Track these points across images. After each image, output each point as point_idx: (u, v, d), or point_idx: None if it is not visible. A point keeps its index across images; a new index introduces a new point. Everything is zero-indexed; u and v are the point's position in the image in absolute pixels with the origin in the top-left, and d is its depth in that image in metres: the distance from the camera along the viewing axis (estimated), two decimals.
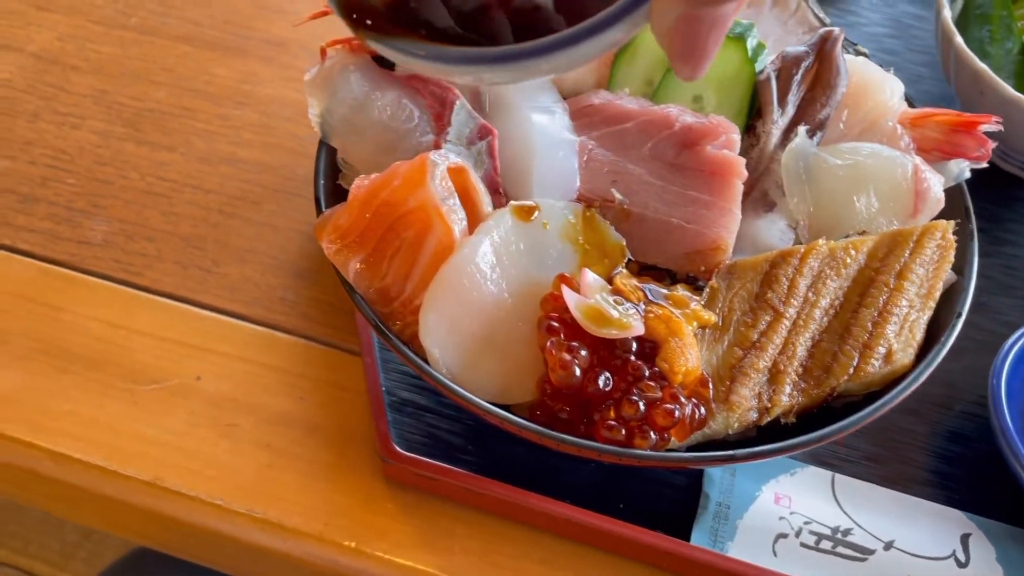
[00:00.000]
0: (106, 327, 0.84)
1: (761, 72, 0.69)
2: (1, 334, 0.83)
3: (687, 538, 0.70)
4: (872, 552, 0.71)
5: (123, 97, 1.02)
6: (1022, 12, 0.98)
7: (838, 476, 0.75)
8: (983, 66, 0.89)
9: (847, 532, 0.72)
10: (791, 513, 0.73)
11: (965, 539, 0.73)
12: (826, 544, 0.71)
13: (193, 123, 1.00)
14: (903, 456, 0.78)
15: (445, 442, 0.75)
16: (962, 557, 0.72)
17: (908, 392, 0.61)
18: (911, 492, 0.75)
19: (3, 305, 0.85)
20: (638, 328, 0.58)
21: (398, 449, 0.72)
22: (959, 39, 0.91)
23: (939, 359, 0.63)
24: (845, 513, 0.73)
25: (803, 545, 0.71)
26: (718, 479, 0.73)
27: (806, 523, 0.72)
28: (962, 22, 0.98)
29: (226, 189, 0.94)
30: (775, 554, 0.70)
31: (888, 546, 0.71)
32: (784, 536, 0.71)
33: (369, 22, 0.42)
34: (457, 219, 0.61)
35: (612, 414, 0.57)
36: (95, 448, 0.76)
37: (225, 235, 0.91)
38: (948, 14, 0.94)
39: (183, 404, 0.79)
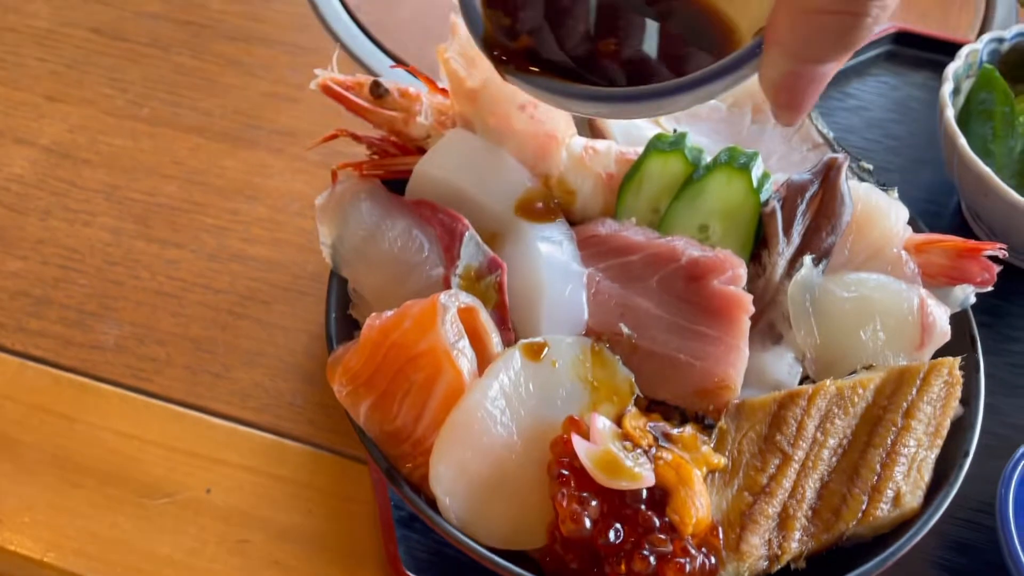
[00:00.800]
0: (118, 438, 0.84)
1: (766, 203, 0.70)
2: (15, 446, 0.83)
3: None
4: None
5: (134, 192, 1.03)
6: None
7: None
8: (987, 170, 0.89)
9: None
10: None
11: None
12: None
13: (203, 218, 1.01)
14: (911, 570, 0.78)
15: (454, 560, 0.75)
16: None
17: (917, 540, 0.61)
18: None
19: (17, 415, 0.85)
20: (649, 479, 0.58)
21: (408, 573, 0.73)
22: (962, 141, 0.92)
23: (947, 503, 0.63)
24: None
25: None
26: None
27: None
28: (964, 117, 0.98)
29: (236, 288, 0.95)
30: None
31: None
32: None
33: (505, 58, 0.48)
34: (467, 361, 0.62)
35: (623, 568, 0.57)
36: (108, 568, 0.77)
37: (235, 337, 0.91)
38: (951, 114, 0.94)
39: (194, 519, 0.80)
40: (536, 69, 0.47)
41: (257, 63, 1.16)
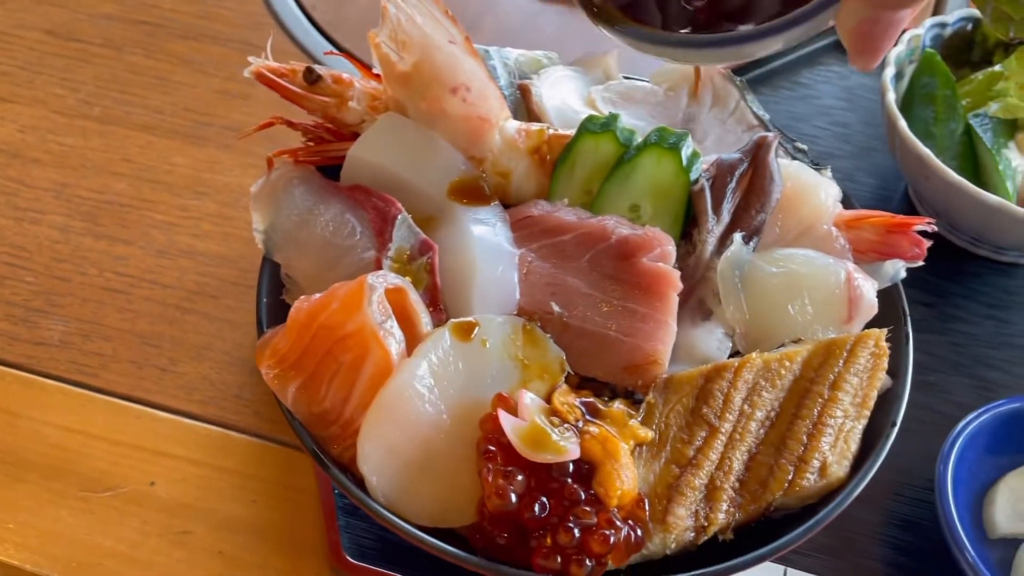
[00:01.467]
0: (62, 433, 0.84)
1: (695, 182, 0.70)
2: None
3: None
4: None
5: (83, 190, 1.02)
6: (968, 89, 1.00)
7: (790, 571, 0.76)
8: (927, 151, 0.90)
9: None
10: None
11: None
12: None
13: (153, 215, 1.01)
14: (856, 547, 0.78)
15: (398, 546, 0.75)
16: None
17: (841, 509, 0.62)
18: None
19: None
20: (574, 452, 0.58)
21: (349, 559, 0.72)
22: (903, 123, 0.93)
23: (872, 472, 0.63)
24: None
25: None
26: None
27: None
28: (907, 101, 0.99)
29: (184, 283, 0.95)
30: None
31: None
32: None
33: (597, 10, 0.50)
34: (395, 341, 0.62)
35: (548, 541, 0.57)
36: (49, 561, 0.76)
37: (182, 332, 0.91)
38: (892, 97, 0.96)
39: (137, 512, 0.79)
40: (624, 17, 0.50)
41: (209, 61, 1.17)
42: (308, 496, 0.80)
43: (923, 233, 0.72)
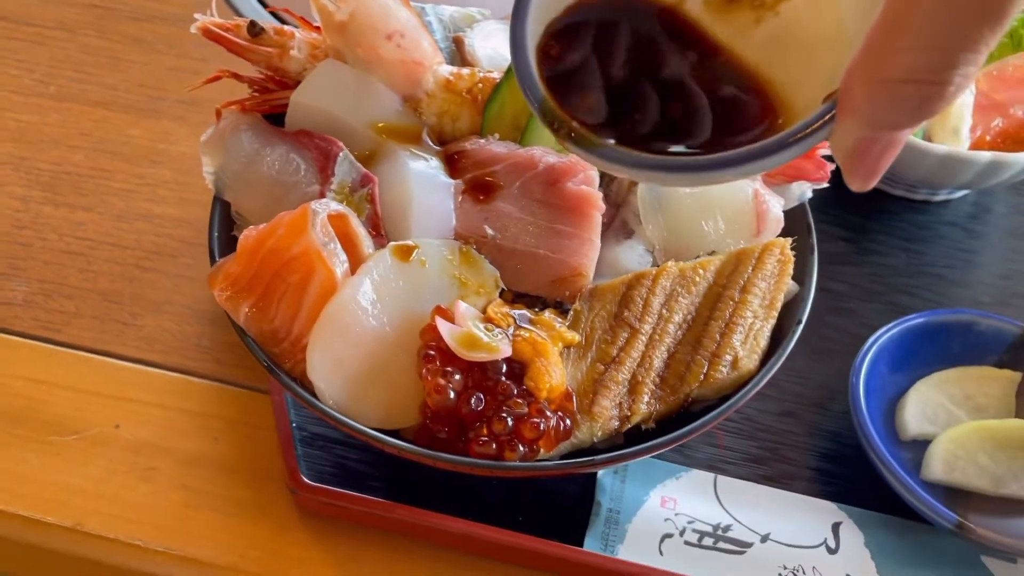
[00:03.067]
0: (27, 383, 0.87)
1: None
2: None
3: (581, 544, 0.76)
4: (750, 545, 0.77)
5: (41, 163, 1.06)
6: None
7: (720, 477, 0.81)
8: None
9: (727, 528, 0.78)
10: (676, 514, 0.78)
11: (836, 528, 0.79)
12: (708, 540, 0.77)
13: (110, 183, 1.05)
14: (782, 455, 0.85)
15: (355, 471, 0.80)
16: (832, 544, 0.78)
17: (751, 395, 0.68)
18: (789, 488, 0.81)
19: None
20: (506, 350, 0.64)
21: (305, 480, 0.77)
22: None
23: (780, 363, 0.69)
24: (726, 511, 0.79)
25: (687, 543, 0.77)
26: (609, 487, 0.79)
27: (690, 522, 0.78)
28: None
29: (143, 244, 0.99)
30: (661, 553, 0.76)
31: (764, 538, 0.78)
32: (669, 536, 0.77)
33: (571, 134, 0.48)
34: (339, 262, 0.67)
35: (484, 431, 0.63)
36: (17, 499, 0.80)
37: (142, 289, 0.95)
38: None
39: (103, 452, 0.83)
40: (587, 134, 0.48)
41: (160, 40, 1.21)
42: (267, 432, 0.84)
43: (827, 157, 0.78)
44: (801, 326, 0.70)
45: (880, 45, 0.41)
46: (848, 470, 0.84)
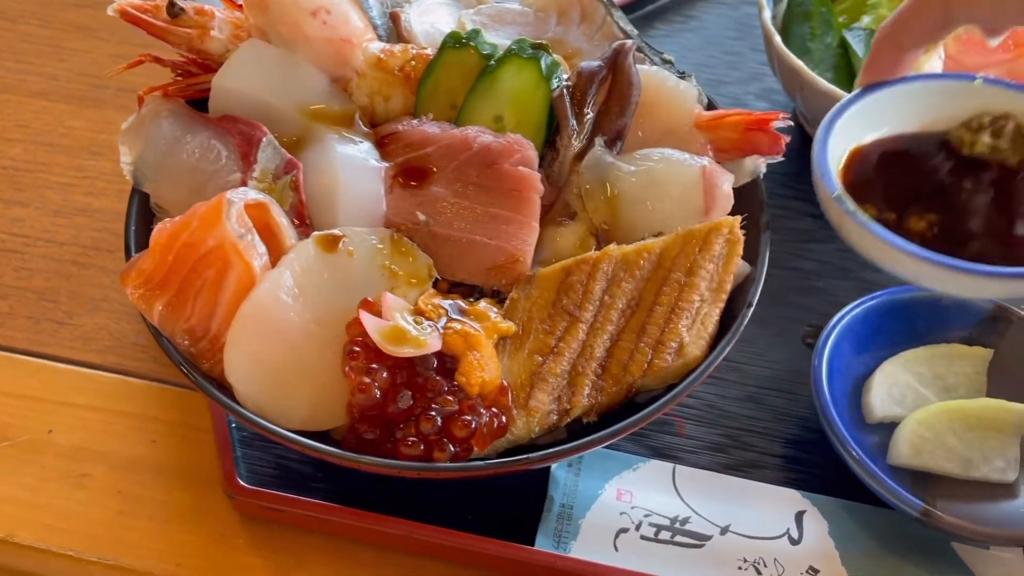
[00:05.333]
0: None
1: (556, 89, 0.72)
2: None
3: (532, 542, 0.72)
4: (709, 538, 0.74)
5: None
6: (844, 7, 1.03)
7: (679, 467, 0.78)
8: (799, 63, 0.93)
9: (685, 521, 0.75)
10: (632, 508, 0.75)
11: (799, 516, 0.76)
12: (665, 534, 0.74)
13: (48, 176, 1.01)
14: (744, 443, 0.81)
15: (296, 472, 0.76)
16: (795, 534, 0.74)
17: (697, 383, 0.64)
18: (751, 477, 0.78)
19: None
20: (434, 345, 0.60)
21: (242, 484, 0.74)
22: (777, 38, 0.95)
23: (728, 349, 0.65)
24: (684, 502, 0.76)
25: (643, 537, 0.73)
26: (562, 481, 0.75)
27: (646, 516, 0.75)
28: (787, 20, 1.02)
29: (80, 240, 0.95)
30: (616, 548, 0.73)
31: (724, 530, 0.74)
32: (625, 531, 0.74)
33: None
34: (257, 254, 0.63)
35: (412, 431, 0.59)
36: None
37: (79, 286, 0.91)
38: (768, 15, 0.98)
39: (35, 459, 0.80)
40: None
41: (104, 27, 1.16)
42: (206, 434, 0.81)
43: (781, 130, 0.74)
44: (751, 309, 0.66)
45: None
46: (813, 456, 0.80)
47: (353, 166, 0.69)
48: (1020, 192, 0.66)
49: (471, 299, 0.66)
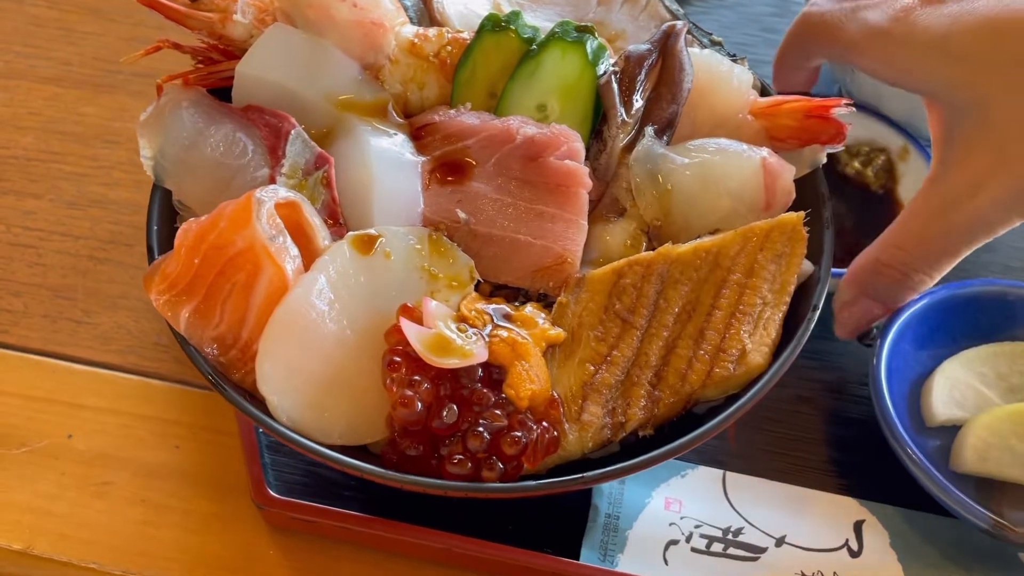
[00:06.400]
0: None
1: (603, 75, 0.67)
2: None
3: (577, 555, 0.69)
4: (764, 550, 0.70)
5: None
6: None
7: (729, 474, 0.74)
8: None
9: (738, 532, 0.71)
10: (681, 518, 0.71)
11: (859, 527, 0.72)
12: (717, 547, 0.70)
13: (61, 167, 0.97)
14: (795, 447, 0.77)
15: (327, 479, 0.73)
16: (855, 546, 0.71)
17: (762, 395, 0.60)
18: (804, 483, 0.74)
19: None
20: (480, 355, 0.56)
21: (272, 494, 0.70)
22: None
23: (794, 356, 0.61)
24: (736, 512, 0.72)
25: (694, 550, 0.70)
26: (607, 489, 0.72)
27: (697, 527, 0.71)
28: None
29: (97, 233, 0.91)
30: (666, 562, 0.69)
31: (780, 542, 0.70)
32: (675, 542, 0.70)
33: None
34: (289, 257, 0.59)
35: (459, 448, 0.55)
36: None
37: (96, 282, 0.88)
38: None
39: (54, 465, 0.76)
40: None
41: (116, 8, 1.12)
42: (232, 438, 0.77)
43: (843, 116, 0.69)
44: (817, 312, 0.62)
45: (884, 237, 0.68)
46: (869, 461, 0.76)
47: (388, 160, 0.64)
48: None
49: (516, 303, 0.62)
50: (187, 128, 0.66)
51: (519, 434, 0.55)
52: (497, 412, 0.55)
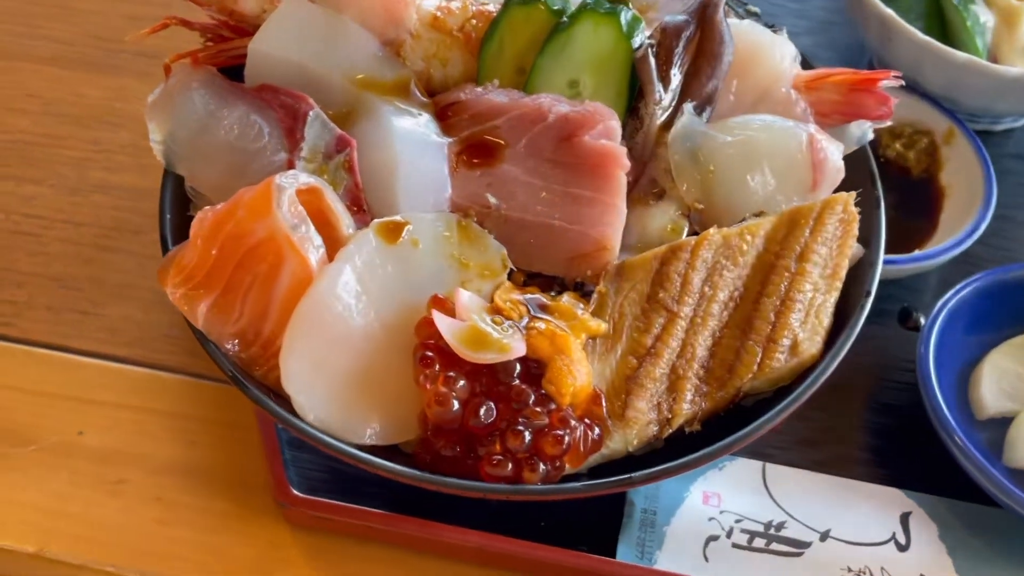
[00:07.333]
0: None
1: (638, 48, 0.63)
2: None
3: (613, 552, 0.66)
4: (808, 545, 0.67)
5: None
6: None
7: (769, 466, 0.71)
8: (889, 11, 0.84)
9: (780, 526, 0.68)
10: (721, 512, 0.68)
11: (905, 519, 0.69)
12: (759, 542, 0.67)
13: (61, 151, 0.93)
14: (837, 436, 0.74)
15: (350, 476, 0.70)
16: (902, 539, 0.68)
17: (815, 388, 0.57)
18: (848, 474, 0.71)
19: None
20: (518, 349, 0.53)
21: (295, 492, 0.67)
22: None
23: (848, 346, 0.58)
24: (778, 505, 0.69)
25: (735, 546, 0.67)
26: None
27: (737, 521, 0.68)
28: None
29: (101, 220, 0.88)
30: (706, 559, 0.67)
31: (824, 536, 0.68)
32: (715, 538, 0.67)
33: None
34: (312, 247, 0.55)
35: (498, 447, 0.52)
36: None
37: (102, 271, 0.84)
38: None
39: (66, 464, 0.73)
40: None
41: None
42: (249, 433, 0.74)
43: (890, 89, 0.65)
44: (871, 298, 0.59)
45: None
46: (912, 449, 0.73)
47: (413, 142, 0.61)
48: None
49: (552, 293, 0.59)
50: (198, 110, 0.63)
51: (562, 433, 0.52)
52: (537, 409, 0.52)
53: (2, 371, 0.78)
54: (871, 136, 0.66)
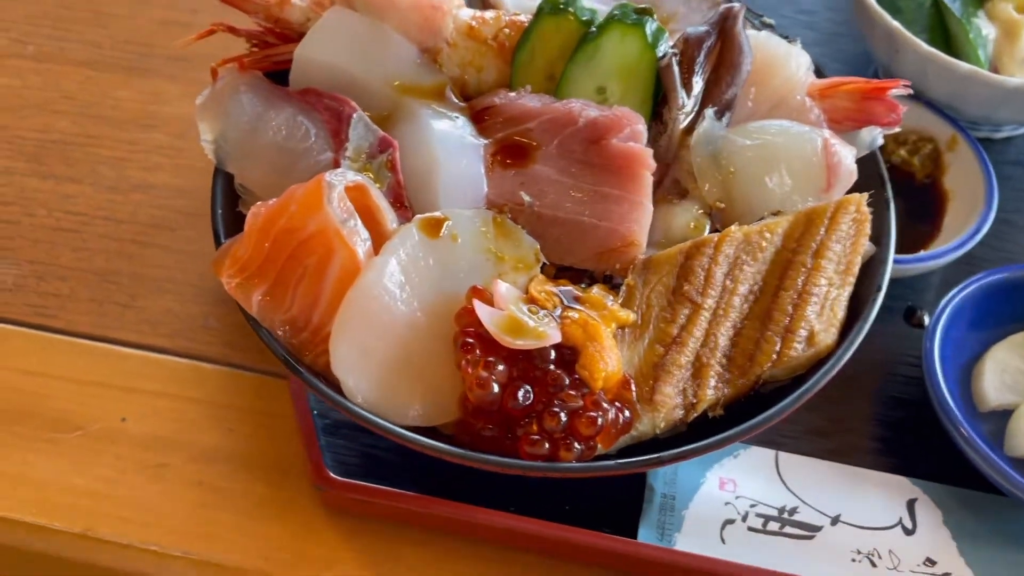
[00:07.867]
0: (23, 376, 0.80)
1: (663, 57, 0.67)
2: None
3: (635, 534, 0.69)
4: (819, 529, 0.71)
5: (23, 130, 0.97)
6: None
7: (782, 454, 0.75)
8: (896, 24, 0.88)
9: (793, 511, 0.72)
10: (737, 497, 0.72)
11: (911, 505, 0.73)
12: (773, 525, 0.71)
13: (99, 151, 0.96)
14: (846, 426, 0.78)
15: (384, 462, 0.73)
16: (909, 524, 0.71)
17: (831, 375, 0.60)
18: (856, 463, 0.75)
19: None
20: (554, 336, 0.56)
21: (332, 476, 0.70)
22: None
23: (861, 337, 0.62)
24: (790, 491, 0.73)
25: (751, 529, 0.70)
26: (662, 471, 0.72)
27: (752, 506, 0.72)
28: None
29: (139, 218, 0.91)
30: (723, 541, 0.70)
31: (835, 521, 0.71)
32: (731, 522, 0.71)
33: None
34: (360, 240, 0.59)
35: (535, 428, 0.56)
36: (21, 505, 0.74)
37: (141, 266, 0.88)
38: None
39: (110, 449, 0.77)
40: None
41: None
42: (285, 421, 0.78)
43: (899, 98, 0.69)
44: (882, 293, 0.62)
45: None
46: (918, 439, 0.77)
47: (451, 143, 0.65)
48: None
49: (582, 285, 0.62)
50: (247, 112, 0.66)
51: (595, 414, 0.55)
52: (572, 393, 0.55)
53: (48, 361, 0.81)
54: (881, 141, 0.70)
